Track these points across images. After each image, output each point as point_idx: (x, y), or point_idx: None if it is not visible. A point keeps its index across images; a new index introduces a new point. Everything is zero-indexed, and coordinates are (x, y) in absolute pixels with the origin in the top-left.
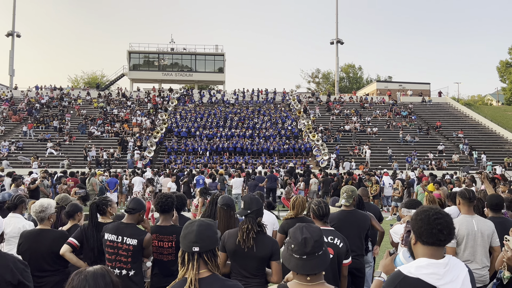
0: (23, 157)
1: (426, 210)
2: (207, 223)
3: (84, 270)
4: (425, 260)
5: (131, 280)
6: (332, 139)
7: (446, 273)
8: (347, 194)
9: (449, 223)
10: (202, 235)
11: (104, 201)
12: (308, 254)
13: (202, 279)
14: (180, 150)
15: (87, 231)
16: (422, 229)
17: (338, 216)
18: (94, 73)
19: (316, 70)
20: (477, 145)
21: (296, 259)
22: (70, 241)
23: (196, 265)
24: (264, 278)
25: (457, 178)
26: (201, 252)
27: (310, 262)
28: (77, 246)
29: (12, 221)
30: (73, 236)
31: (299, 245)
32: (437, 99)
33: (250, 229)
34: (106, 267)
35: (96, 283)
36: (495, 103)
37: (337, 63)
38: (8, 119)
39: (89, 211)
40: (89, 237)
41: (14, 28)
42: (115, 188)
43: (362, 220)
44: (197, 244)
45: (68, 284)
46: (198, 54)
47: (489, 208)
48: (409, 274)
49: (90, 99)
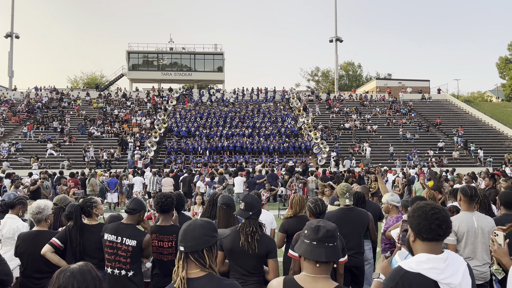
0: (23, 158)
1: (422, 206)
2: (199, 223)
3: (68, 268)
4: (425, 255)
5: (130, 280)
6: (332, 137)
7: (446, 267)
8: (349, 193)
9: (446, 217)
10: (188, 236)
11: (88, 202)
12: (318, 240)
13: (194, 279)
14: (180, 150)
15: (71, 233)
16: (420, 225)
17: (336, 214)
18: (94, 74)
19: (315, 68)
20: (477, 142)
21: (307, 244)
22: (53, 241)
23: (183, 265)
24: (262, 276)
25: (457, 175)
26: (187, 252)
27: (319, 249)
28: (60, 247)
29: (8, 222)
30: (57, 236)
31: (311, 230)
32: (436, 96)
33: (255, 231)
34: (89, 262)
35: (84, 278)
36: (494, 99)
37: (336, 61)
38: (8, 120)
39: (73, 214)
40: (72, 239)
41: (13, 29)
42: (115, 188)
43: (361, 218)
44: (182, 244)
45: (52, 284)
46: (197, 54)
47: (503, 205)
48: (410, 269)
49: (89, 100)
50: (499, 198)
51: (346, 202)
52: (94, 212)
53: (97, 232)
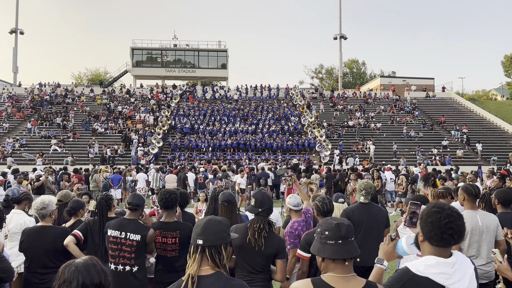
0: (27, 154)
1: (438, 211)
2: (217, 219)
3: (73, 262)
4: (434, 259)
5: (134, 276)
6: (336, 134)
7: (455, 272)
8: (366, 191)
9: (460, 226)
10: (208, 230)
11: (109, 195)
12: (343, 238)
13: (204, 276)
14: (183, 147)
15: (93, 227)
16: (432, 233)
17: (355, 209)
18: (97, 70)
19: (319, 65)
20: (482, 140)
21: (332, 245)
22: (75, 232)
23: (198, 259)
24: (268, 275)
25: (461, 174)
26: (204, 246)
27: (346, 247)
28: (81, 239)
29: (14, 217)
30: (78, 228)
31: (333, 230)
32: (441, 94)
33: (262, 228)
34: (95, 257)
35: (89, 272)
36: (499, 98)
37: (340, 59)
38: (12, 116)
39: (98, 207)
40: (94, 233)
41: (17, 25)
42: (119, 184)
43: (381, 214)
44: (201, 237)
45: (58, 278)
46: (201, 50)
47: (501, 203)
48: (418, 272)
49: (93, 96)
50: (496, 196)
51: (361, 199)
52: (114, 205)
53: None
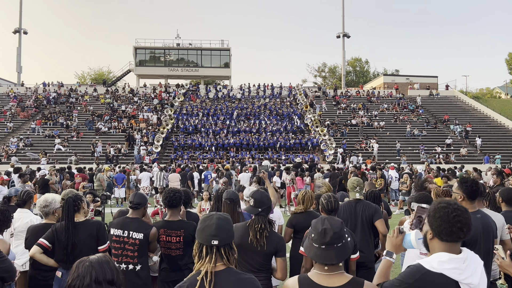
0: (31, 153)
1: (445, 206)
2: (225, 217)
3: (87, 258)
4: (447, 255)
5: (137, 275)
6: (339, 133)
7: (467, 267)
8: (360, 187)
9: (468, 219)
10: (222, 229)
11: (78, 195)
12: (326, 244)
13: (217, 272)
14: (186, 146)
15: (59, 231)
16: (441, 227)
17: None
18: (101, 69)
19: (322, 64)
20: (486, 138)
21: (316, 248)
22: (40, 242)
23: (214, 258)
24: (269, 273)
25: (465, 172)
26: (219, 245)
27: (328, 252)
28: (48, 247)
29: (20, 216)
30: (44, 236)
31: (318, 234)
32: (444, 92)
33: (263, 228)
34: (107, 254)
35: (102, 268)
36: (503, 96)
37: (343, 57)
38: (17, 115)
39: (64, 207)
40: (60, 237)
41: (21, 25)
42: (123, 183)
43: (366, 210)
44: (217, 238)
45: (72, 273)
46: (204, 49)
47: (505, 201)
48: (432, 269)
49: (97, 95)
50: (501, 195)
51: (357, 196)
52: (83, 207)
53: (86, 229)
